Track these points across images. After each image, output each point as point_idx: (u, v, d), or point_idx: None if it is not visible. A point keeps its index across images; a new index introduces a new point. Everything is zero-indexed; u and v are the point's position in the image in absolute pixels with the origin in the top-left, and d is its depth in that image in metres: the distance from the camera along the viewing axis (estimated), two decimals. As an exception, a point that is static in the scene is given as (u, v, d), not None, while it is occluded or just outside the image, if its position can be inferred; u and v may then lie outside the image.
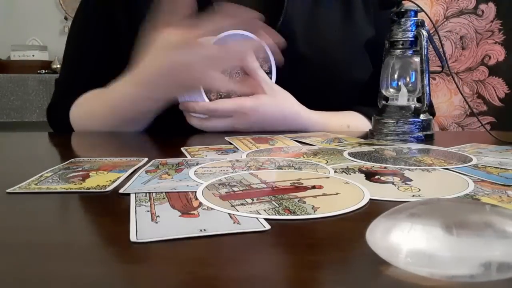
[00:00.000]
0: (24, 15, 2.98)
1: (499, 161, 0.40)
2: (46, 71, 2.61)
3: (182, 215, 0.25)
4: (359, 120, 0.74)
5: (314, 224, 0.24)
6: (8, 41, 2.82)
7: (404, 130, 0.56)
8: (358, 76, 0.76)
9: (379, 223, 0.20)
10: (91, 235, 0.25)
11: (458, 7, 1.01)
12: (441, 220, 0.18)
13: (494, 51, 1.00)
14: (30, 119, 2.29)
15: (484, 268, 0.17)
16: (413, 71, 0.58)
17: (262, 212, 0.25)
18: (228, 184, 0.32)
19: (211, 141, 0.55)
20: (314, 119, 0.69)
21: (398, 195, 0.30)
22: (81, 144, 0.62)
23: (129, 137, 0.65)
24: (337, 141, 0.54)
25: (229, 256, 0.21)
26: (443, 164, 0.39)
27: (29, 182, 0.34)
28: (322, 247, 0.22)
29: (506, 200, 0.28)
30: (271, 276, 0.19)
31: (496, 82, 1.00)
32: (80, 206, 0.30)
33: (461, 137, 0.72)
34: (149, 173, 0.36)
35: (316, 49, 0.71)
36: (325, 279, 0.19)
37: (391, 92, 0.59)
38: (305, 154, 0.44)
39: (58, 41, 2.97)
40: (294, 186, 0.31)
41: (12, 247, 0.22)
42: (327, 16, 0.74)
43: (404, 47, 0.58)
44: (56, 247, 0.22)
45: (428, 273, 0.17)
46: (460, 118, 1.04)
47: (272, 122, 0.65)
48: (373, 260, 0.19)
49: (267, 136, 0.57)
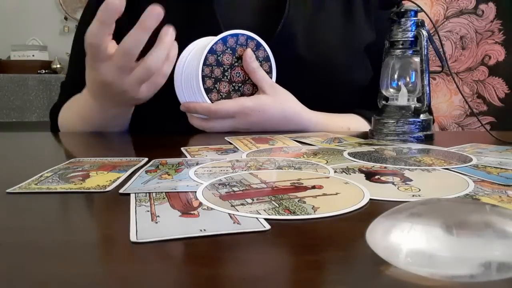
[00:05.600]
0: (24, 15, 2.98)
1: (499, 161, 0.40)
2: (46, 71, 2.61)
3: (182, 215, 0.25)
4: (360, 122, 0.74)
5: (314, 224, 0.24)
6: (8, 41, 2.82)
7: (404, 130, 0.56)
8: (359, 79, 0.76)
9: (379, 223, 0.20)
10: (91, 235, 0.25)
11: (458, 7, 1.01)
12: (441, 220, 0.18)
13: (494, 51, 1.00)
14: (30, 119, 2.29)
15: (484, 268, 0.17)
16: (413, 71, 0.58)
17: (262, 212, 0.25)
18: (228, 184, 0.32)
19: (211, 141, 0.55)
20: (315, 119, 0.69)
21: (398, 195, 0.30)
22: (81, 144, 0.62)
23: (129, 137, 0.65)
24: (337, 141, 0.54)
25: (229, 256, 0.21)
26: (443, 164, 0.39)
27: (29, 182, 0.34)
28: (322, 247, 0.22)
29: (506, 200, 0.28)
30: (271, 276, 0.19)
31: (496, 82, 1.00)
32: (80, 206, 0.30)
33: (461, 137, 0.72)
34: (149, 173, 0.36)
35: (316, 52, 0.71)
36: (325, 279, 0.19)
37: (391, 92, 0.59)
38: (305, 154, 0.44)
39: (58, 41, 2.98)
40: (294, 186, 0.31)
41: (12, 247, 0.22)
42: (328, 19, 0.74)
43: (404, 47, 0.58)
44: (56, 247, 0.22)
45: (428, 273, 0.17)
46: (460, 118, 1.04)
47: (273, 122, 0.65)
48: (373, 260, 0.19)
49: (267, 136, 0.57)
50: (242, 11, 0.73)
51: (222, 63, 0.64)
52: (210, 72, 0.63)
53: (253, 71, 0.64)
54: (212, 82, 0.64)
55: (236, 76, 0.65)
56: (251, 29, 0.65)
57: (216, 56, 0.63)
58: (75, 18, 2.96)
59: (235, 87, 0.66)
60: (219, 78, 0.64)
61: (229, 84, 0.65)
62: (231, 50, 0.64)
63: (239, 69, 0.65)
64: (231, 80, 0.65)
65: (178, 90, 0.65)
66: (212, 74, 0.63)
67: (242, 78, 0.66)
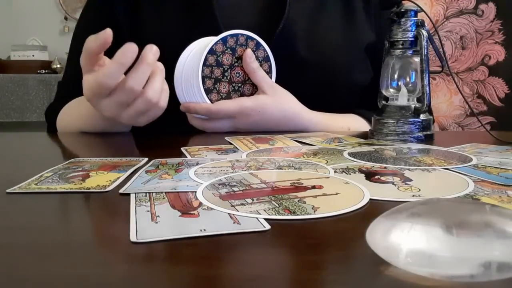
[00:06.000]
0: (24, 15, 2.98)
1: (499, 161, 0.40)
2: (46, 71, 2.61)
3: (182, 215, 0.25)
4: (360, 122, 0.74)
5: (314, 224, 0.24)
6: (8, 41, 2.82)
7: (404, 130, 0.56)
8: (359, 80, 0.76)
9: (379, 223, 0.20)
10: (91, 235, 0.25)
11: (458, 7, 1.01)
12: (441, 220, 0.18)
13: (494, 51, 1.00)
14: (30, 119, 2.29)
15: (484, 268, 0.17)
16: (413, 71, 0.58)
17: (262, 212, 0.25)
18: (228, 184, 0.32)
19: (211, 141, 0.55)
20: (315, 120, 0.69)
21: (398, 195, 0.30)
22: (81, 144, 0.62)
23: (129, 137, 0.65)
24: (337, 141, 0.54)
25: (229, 256, 0.21)
26: (443, 164, 0.39)
27: (29, 182, 0.34)
28: (322, 247, 0.22)
29: (506, 200, 0.28)
30: (271, 276, 0.19)
31: (496, 82, 1.00)
32: (80, 206, 0.30)
33: (461, 137, 0.72)
34: (149, 173, 0.36)
35: (316, 53, 0.71)
36: (325, 279, 0.19)
37: (391, 92, 0.59)
38: (305, 154, 0.44)
39: (58, 41, 2.98)
40: (294, 186, 0.31)
41: (12, 247, 0.22)
42: (328, 20, 0.74)
43: (404, 47, 0.58)
44: (56, 247, 0.22)
45: (428, 273, 0.17)
46: (460, 118, 1.04)
47: (273, 122, 0.65)
48: (373, 260, 0.19)
49: (267, 136, 0.57)
50: (242, 11, 0.73)
51: (222, 63, 0.64)
52: (210, 72, 0.63)
53: (253, 71, 0.64)
54: (212, 82, 0.64)
55: (236, 76, 0.65)
56: (251, 29, 0.65)
57: (216, 57, 0.63)
58: (75, 18, 2.96)
59: (235, 87, 0.66)
60: (219, 78, 0.64)
61: (229, 85, 0.65)
62: (231, 50, 0.64)
63: (239, 69, 0.65)
64: (231, 80, 0.65)
65: (178, 90, 0.65)
66: (212, 75, 0.63)
67: (242, 78, 0.66)
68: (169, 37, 0.68)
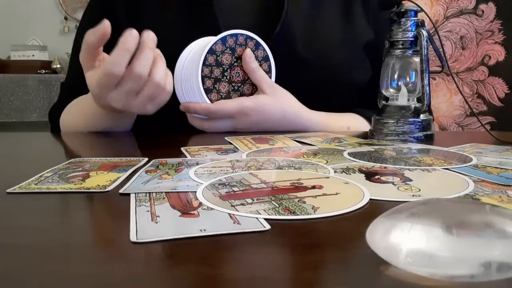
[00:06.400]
0: (24, 15, 2.98)
1: (499, 161, 0.40)
2: (46, 71, 2.61)
3: (182, 215, 0.25)
4: (360, 122, 0.74)
5: (314, 224, 0.24)
6: (8, 41, 2.82)
7: (404, 130, 0.56)
8: (358, 78, 0.76)
9: (379, 223, 0.20)
10: (91, 235, 0.25)
11: (458, 7, 1.01)
12: (441, 220, 0.18)
13: (494, 51, 1.00)
14: (30, 119, 2.29)
15: (484, 268, 0.17)
16: (413, 71, 0.58)
17: (262, 212, 0.25)
18: (228, 184, 0.32)
19: (211, 141, 0.55)
20: (315, 119, 0.69)
21: (398, 195, 0.30)
22: (81, 144, 0.62)
23: (130, 137, 0.65)
24: (337, 141, 0.54)
25: (229, 256, 0.21)
26: (443, 164, 0.39)
27: (29, 182, 0.34)
28: (322, 247, 0.22)
29: (506, 200, 0.28)
30: (271, 276, 0.19)
31: (496, 82, 1.00)
32: (80, 206, 0.30)
33: (461, 137, 0.72)
34: (149, 173, 0.36)
35: (315, 52, 0.71)
36: (325, 279, 0.19)
37: (391, 92, 0.59)
38: (305, 154, 0.44)
39: (58, 41, 2.98)
40: (294, 186, 0.31)
41: (12, 247, 0.22)
42: (326, 19, 0.74)
43: (404, 47, 0.58)
44: (56, 247, 0.22)
45: (428, 273, 0.17)
46: (460, 118, 1.04)
47: (273, 122, 0.65)
48: (373, 260, 0.19)
49: (267, 136, 0.57)
50: (242, 11, 0.73)
51: (221, 63, 0.64)
52: (209, 72, 0.63)
53: (252, 71, 0.64)
54: (211, 82, 0.64)
55: (236, 76, 0.65)
56: (250, 29, 0.65)
57: (215, 56, 0.63)
58: (75, 18, 2.96)
59: (235, 87, 0.66)
60: (218, 78, 0.64)
61: (229, 84, 0.65)
62: (231, 50, 0.64)
63: (239, 69, 0.65)
64: (230, 80, 0.65)
65: (177, 90, 0.65)
66: (211, 74, 0.63)
67: (241, 78, 0.66)
68: (169, 37, 0.68)
